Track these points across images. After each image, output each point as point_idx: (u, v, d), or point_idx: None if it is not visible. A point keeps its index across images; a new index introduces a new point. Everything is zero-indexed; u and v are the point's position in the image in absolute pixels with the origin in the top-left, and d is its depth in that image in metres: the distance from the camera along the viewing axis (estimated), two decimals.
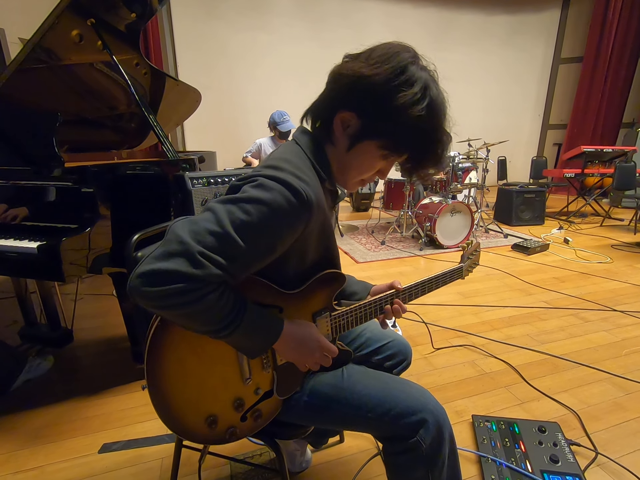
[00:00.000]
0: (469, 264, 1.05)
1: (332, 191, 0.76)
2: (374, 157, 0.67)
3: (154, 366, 0.66)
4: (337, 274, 0.77)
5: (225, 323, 0.59)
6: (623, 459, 1.19)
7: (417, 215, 3.66)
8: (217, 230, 0.54)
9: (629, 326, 2.04)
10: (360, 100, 0.63)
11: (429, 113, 0.62)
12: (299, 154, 0.67)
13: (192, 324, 0.59)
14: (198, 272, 0.52)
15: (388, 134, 0.63)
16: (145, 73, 2.36)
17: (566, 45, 6.46)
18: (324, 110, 0.68)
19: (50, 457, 1.21)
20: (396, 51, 0.62)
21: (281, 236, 0.60)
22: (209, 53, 5.21)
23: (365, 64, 0.61)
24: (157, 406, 0.67)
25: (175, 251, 0.53)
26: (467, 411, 1.41)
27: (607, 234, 3.94)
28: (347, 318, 0.80)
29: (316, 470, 1.18)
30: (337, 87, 0.65)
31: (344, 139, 0.67)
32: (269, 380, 0.75)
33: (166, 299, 0.53)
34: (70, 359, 1.76)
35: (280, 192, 0.57)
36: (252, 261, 0.59)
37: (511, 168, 5.86)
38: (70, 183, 1.25)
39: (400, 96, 0.60)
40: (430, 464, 0.73)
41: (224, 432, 0.73)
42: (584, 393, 1.51)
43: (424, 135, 0.63)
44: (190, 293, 0.53)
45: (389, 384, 0.79)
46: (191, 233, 0.54)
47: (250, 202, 0.56)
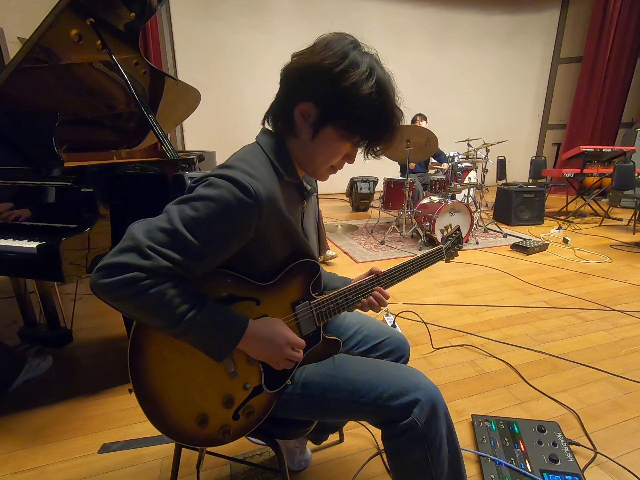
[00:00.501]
0: (449, 245, 1.05)
1: (298, 185, 0.77)
2: (336, 141, 0.69)
3: (136, 367, 0.66)
4: (310, 262, 0.77)
5: (179, 317, 0.60)
6: (622, 458, 1.20)
7: (416, 215, 3.66)
8: (167, 227, 0.58)
9: (627, 326, 2.04)
10: (314, 88, 0.65)
11: (378, 90, 0.65)
12: (255, 153, 0.70)
13: (148, 318, 0.61)
14: (147, 263, 0.57)
15: (343, 116, 0.66)
16: (144, 73, 2.35)
17: (565, 45, 6.46)
18: (282, 107, 0.71)
19: (49, 457, 1.21)
20: (337, 39, 0.66)
21: (232, 231, 0.63)
22: (208, 52, 5.20)
23: (311, 55, 0.65)
24: (145, 409, 0.67)
25: (127, 246, 0.57)
26: (466, 411, 1.41)
27: (606, 233, 3.95)
28: (328, 305, 0.80)
29: (316, 470, 1.18)
30: (290, 82, 0.68)
31: (306, 129, 0.69)
32: (257, 374, 0.75)
33: (119, 289, 0.56)
34: (70, 359, 1.76)
35: (227, 189, 0.60)
36: (204, 256, 0.61)
37: (510, 168, 5.87)
38: (69, 183, 1.25)
39: (348, 77, 0.63)
40: (427, 444, 0.74)
41: (217, 431, 0.72)
42: (583, 393, 1.51)
43: (377, 112, 0.66)
44: (141, 282, 0.57)
45: (381, 368, 0.81)
46: (143, 231, 0.58)
47: (199, 199, 0.60)
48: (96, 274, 0.57)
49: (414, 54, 6.07)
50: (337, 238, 3.85)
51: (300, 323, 0.78)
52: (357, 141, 0.70)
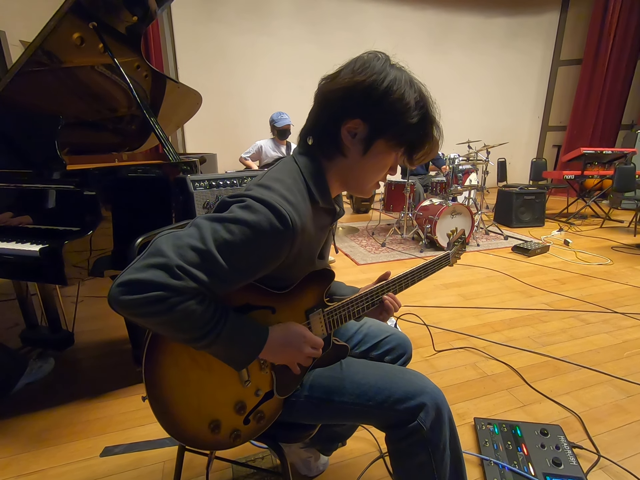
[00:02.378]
0: (455, 250, 1.05)
1: (329, 209, 0.76)
2: (386, 152, 0.70)
3: (152, 375, 0.66)
4: (325, 271, 0.78)
5: (205, 331, 0.59)
6: (625, 461, 1.19)
7: (417, 217, 3.66)
8: (200, 247, 0.56)
9: (629, 328, 2.04)
10: (362, 105, 0.66)
11: (421, 98, 0.68)
12: (293, 175, 0.69)
13: (172, 332, 0.60)
14: (175, 283, 0.54)
15: (395, 126, 0.67)
16: (146, 75, 2.36)
17: (565, 47, 6.48)
18: (324, 127, 0.70)
19: (51, 461, 1.21)
20: (372, 58, 0.68)
21: (263, 258, 0.61)
22: (209, 55, 5.22)
23: (352, 75, 0.66)
24: (159, 416, 0.67)
25: (156, 263, 0.54)
26: (469, 414, 1.41)
27: (607, 235, 3.95)
28: (340, 313, 0.81)
29: None
30: (333, 102, 0.68)
31: (355, 146, 0.69)
32: (268, 381, 0.75)
33: (143, 307, 0.54)
34: (72, 362, 1.76)
35: (265, 215, 0.58)
36: (231, 280, 0.60)
37: (511, 170, 5.86)
38: (72, 186, 1.25)
39: (395, 90, 0.65)
40: (432, 447, 0.75)
41: (228, 436, 0.73)
42: (586, 395, 1.51)
43: (423, 118, 0.68)
44: (167, 300, 0.54)
45: (387, 371, 0.81)
46: (174, 247, 0.55)
47: (235, 222, 0.58)
48: (118, 289, 0.54)
49: (413, 56, 5.93)
50: (337, 240, 3.85)
51: (312, 330, 0.79)
52: (403, 151, 0.72)
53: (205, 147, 4.43)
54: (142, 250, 0.82)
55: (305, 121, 0.74)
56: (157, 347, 0.66)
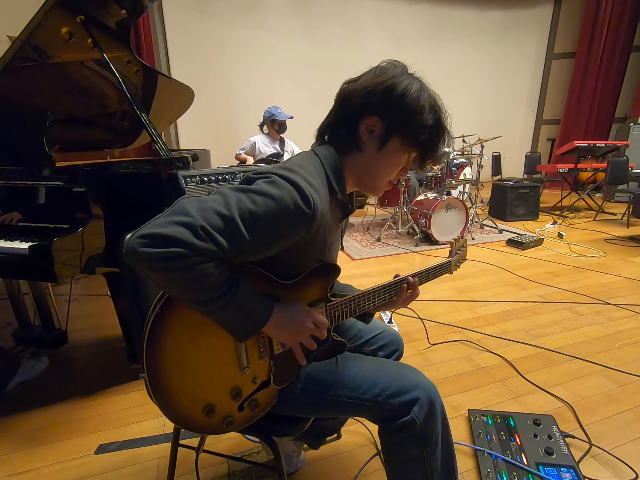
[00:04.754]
0: (456, 259, 1.06)
1: (343, 204, 0.79)
2: (400, 151, 0.73)
3: (153, 354, 0.66)
4: (333, 266, 0.79)
5: (215, 295, 0.60)
6: (616, 450, 1.21)
7: (412, 211, 3.66)
8: (224, 213, 0.57)
9: (621, 319, 2.06)
10: (381, 104, 0.70)
11: (433, 102, 0.73)
12: (314, 164, 0.71)
13: (182, 291, 0.60)
14: (198, 243, 0.55)
15: (409, 124, 0.71)
16: (137, 71, 2.33)
17: (559, 40, 6.48)
18: (344, 123, 0.74)
19: (45, 459, 1.20)
20: (390, 66, 0.73)
21: (281, 234, 0.63)
22: (202, 51, 5.16)
23: (374, 77, 0.72)
24: (155, 394, 0.67)
25: (180, 221, 0.55)
26: (463, 406, 1.42)
27: (601, 228, 3.98)
28: (341, 309, 0.81)
29: (313, 467, 1.19)
30: (355, 100, 0.72)
31: (372, 142, 0.73)
32: (266, 369, 0.76)
33: (162, 261, 0.54)
34: (66, 360, 1.75)
35: (289, 192, 0.60)
36: (248, 250, 0.61)
37: (505, 163, 5.88)
38: (61, 183, 1.24)
39: (411, 93, 0.70)
40: (424, 441, 0.76)
41: (221, 421, 0.73)
42: (578, 386, 1.53)
43: (436, 122, 0.72)
44: (187, 258, 0.55)
45: (382, 366, 0.82)
46: (198, 209, 0.56)
47: (260, 194, 0.59)
48: (138, 240, 0.54)
49: (408, 51, 6.06)
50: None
51: None
52: (415, 152, 0.75)
53: (199, 144, 4.40)
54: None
55: (324, 118, 0.78)
56: (160, 326, 0.66)
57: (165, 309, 0.65)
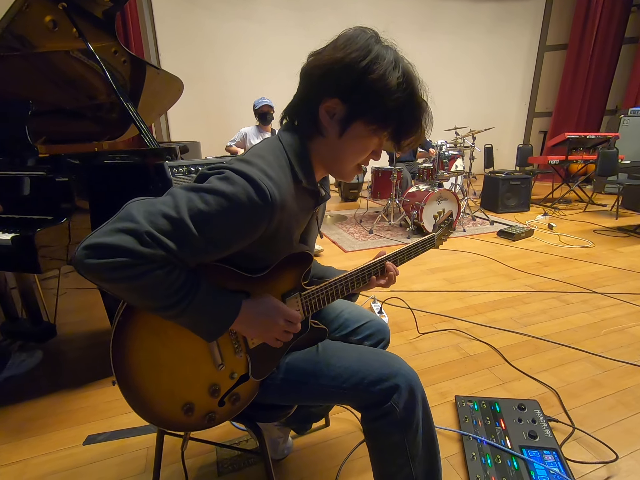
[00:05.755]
0: (441, 232, 1.05)
1: (313, 192, 0.74)
2: (366, 136, 0.67)
3: (121, 361, 0.65)
4: (303, 254, 0.76)
5: (173, 300, 0.58)
6: (598, 432, 1.24)
7: (404, 203, 3.67)
8: (172, 215, 0.54)
9: (607, 307, 2.09)
10: (341, 84, 0.63)
11: (406, 79, 0.64)
12: (276, 151, 0.67)
13: (139, 300, 0.59)
14: (143, 250, 0.53)
15: (374, 108, 0.64)
16: (124, 61, 2.29)
17: (551, 32, 6.47)
18: (305, 105, 0.69)
19: (34, 450, 1.20)
20: (358, 34, 0.65)
21: (238, 232, 0.60)
22: (192, 42, 5.08)
23: (334, 52, 0.64)
24: (130, 400, 0.67)
25: (124, 228, 0.52)
26: (450, 392, 1.43)
27: (590, 219, 4.02)
28: (317, 296, 0.80)
29: (302, 454, 1.20)
30: (314, 80, 0.66)
31: (333, 126, 0.67)
32: (244, 364, 0.75)
33: (109, 272, 0.53)
34: (55, 354, 1.74)
35: (243, 187, 0.57)
36: (203, 252, 0.59)
37: (498, 155, 5.89)
38: (44, 172, 1.22)
39: (376, 69, 0.62)
40: (405, 427, 0.76)
41: (203, 418, 0.73)
42: (564, 372, 1.55)
43: (407, 101, 0.65)
44: (135, 267, 0.53)
45: (364, 354, 0.82)
46: (145, 213, 0.54)
47: (211, 192, 0.56)
48: (82, 252, 0.52)
49: (400, 42, 5.98)
50: (325, 228, 3.84)
51: None
52: (386, 135, 0.68)
53: (190, 136, 4.34)
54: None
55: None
56: (124, 332, 0.65)
57: (128, 316, 0.64)
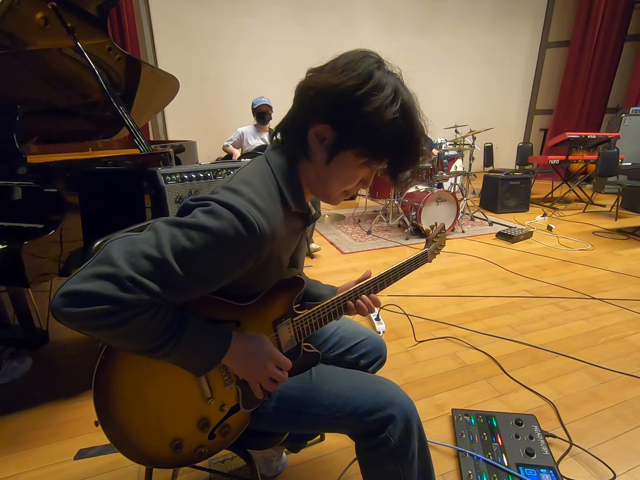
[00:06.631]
0: (434, 247, 1.03)
1: (303, 214, 0.72)
2: (355, 166, 0.64)
3: (104, 402, 0.62)
4: (295, 279, 0.74)
5: (160, 342, 0.56)
6: (596, 448, 1.22)
7: (403, 204, 3.64)
8: (155, 255, 0.51)
9: (606, 314, 2.08)
10: (332, 111, 0.60)
11: (403, 114, 0.60)
12: (264, 176, 0.64)
13: (124, 344, 0.57)
14: (125, 297, 0.50)
15: (365, 141, 0.61)
16: (119, 59, 2.25)
17: (553, 28, 6.39)
18: (295, 125, 0.66)
19: (23, 466, 1.18)
20: (361, 57, 0.61)
21: (225, 268, 0.58)
22: (189, 38, 4.99)
23: (331, 74, 0.60)
24: (114, 440, 0.64)
25: (103, 273, 0.49)
26: (447, 405, 1.42)
27: (589, 220, 4.00)
28: (310, 321, 0.78)
29: (296, 469, 1.18)
30: (306, 101, 0.63)
31: (321, 152, 0.64)
32: (234, 395, 0.72)
33: (90, 320, 0.50)
34: (47, 361, 1.72)
35: (230, 222, 0.54)
36: (189, 290, 0.56)
37: (498, 154, 5.85)
38: (31, 183, 1.18)
39: (372, 101, 0.58)
40: (400, 458, 0.75)
41: (192, 453, 0.70)
42: (562, 383, 1.54)
43: (401, 138, 0.62)
44: (117, 314, 0.50)
45: (358, 381, 0.80)
46: (125, 254, 0.51)
47: (196, 228, 0.53)
48: (60, 300, 0.49)
49: (400, 38, 5.94)
50: (323, 228, 3.82)
51: (281, 341, 0.75)
52: (379, 168, 0.66)
53: (187, 134, 4.29)
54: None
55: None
56: (107, 371, 0.61)
57: (110, 354, 0.61)
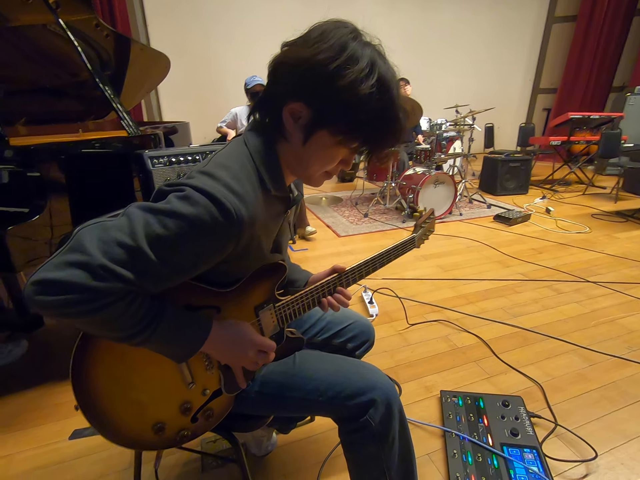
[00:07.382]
0: (422, 232, 1.02)
1: (284, 198, 0.70)
2: (332, 146, 0.62)
3: (84, 386, 0.62)
4: (276, 265, 0.73)
5: (136, 330, 0.55)
6: (580, 428, 1.25)
7: (400, 186, 3.60)
8: (128, 243, 0.50)
9: (599, 297, 2.08)
10: (306, 87, 0.57)
11: (380, 89, 0.57)
12: (242, 160, 0.62)
13: (100, 332, 0.56)
14: (98, 285, 0.49)
15: (341, 118, 0.58)
16: (107, 35, 2.17)
17: (560, 2, 6.15)
18: (270, 104, 0.63)
19: (19, 445, 1.21)
20: (333, 28, 0.57)
21: (202, 255, 0.56)
22: (182, 15, 4.81)
23: (303, 47, 0.57)
24: (96, 425, 0.64)
25: (75, 261, 0.48)
26: (436, 386, 1.44)
27: (589, 202, 3.97)
28: (293, 307, 0.78)
29: (287, 449, 1.21)
30: (279, 78, 0.60)
31: (297, 132, 0.61)
32: (216, 379, 0.73)
33: (63, 308, 0.49)
34: (42, 344, 1.74)
35: (205, 208, 0.52)
36: (166, 278, 0.55)
37: (500, 134, 5.75)
38: (13, 166, 1.16)
39: (345, 74, 0.55)
40: (381, 440, 0.76)
41: (175, 435, 0.71)
42: (550, 365, 1.56)
43: (379, 114, 0.58)
44: (90, 303, 0.49)
45: (341, 365, 0.80)
46: (98, 242, 0.49)
47: (171, 215, 0.52)
48: (32, 288, 0.48)
49: (402, 14, 5.73)
50: (320, 211, 3.79)
51: (263, 327, 0.75)
52: (355, 147, 0.63)
53: (182, 114, 4.21)
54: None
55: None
56: (85, 358, 0.61)
57: (87, 339, 0.61)
